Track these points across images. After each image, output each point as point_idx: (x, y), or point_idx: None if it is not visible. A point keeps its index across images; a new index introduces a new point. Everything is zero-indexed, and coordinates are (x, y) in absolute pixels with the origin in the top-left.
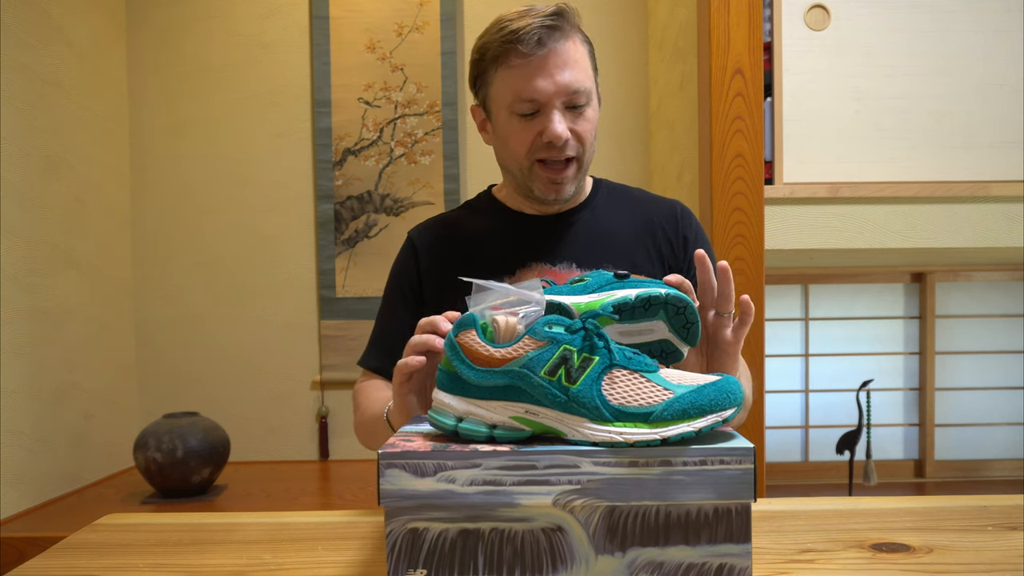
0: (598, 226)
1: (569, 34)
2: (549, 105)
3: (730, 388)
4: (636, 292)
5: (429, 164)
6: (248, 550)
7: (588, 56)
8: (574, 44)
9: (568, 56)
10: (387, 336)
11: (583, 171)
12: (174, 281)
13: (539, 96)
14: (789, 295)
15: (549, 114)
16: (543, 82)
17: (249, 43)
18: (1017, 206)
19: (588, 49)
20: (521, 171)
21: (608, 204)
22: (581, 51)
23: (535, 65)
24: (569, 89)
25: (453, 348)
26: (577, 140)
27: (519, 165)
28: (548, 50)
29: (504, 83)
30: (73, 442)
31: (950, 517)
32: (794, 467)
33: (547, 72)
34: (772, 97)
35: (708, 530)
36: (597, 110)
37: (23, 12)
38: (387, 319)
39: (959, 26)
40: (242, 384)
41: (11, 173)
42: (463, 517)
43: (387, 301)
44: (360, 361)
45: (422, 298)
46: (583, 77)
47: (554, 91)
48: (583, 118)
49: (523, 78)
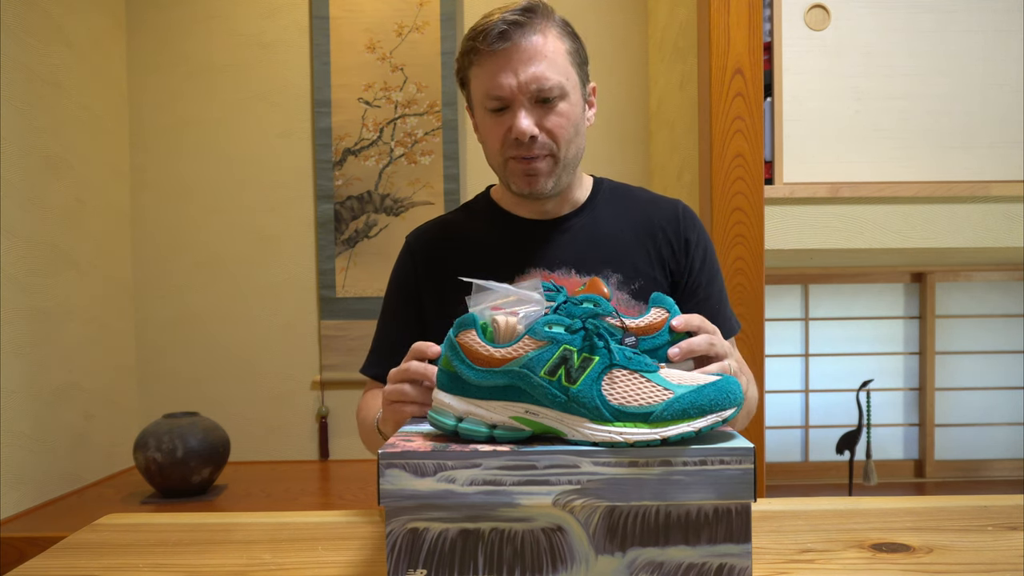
0: (597, 230)
1: (539, 28)
2: (514, 100)
3: (730, 388)
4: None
5: (429, 164)
6: (248, 550)
7: (567, 52)
8: (544, 38)
9: (535, 50)
10: (387, 343)
11: (564, 167)
12: (174, 281)
13: (502, 92)
14: (789, 295)
15: (515, 110)
16: (506, 78)
17: (249, 43)
18: (1017, 206)
19: (570, 45)
20: (498, 167)
21: (608, 206)
22: (555, 45)
23: (498, 60)
24: (533, 84)
25: (453, 348)
26: (549, 136)
27: (495, 161)
28: (511, 44)
29: (476, 81)
30: (73, 442)
31: (950, 517)
32: (794, 467)
33: (510, 67)
34: (772, 97)
35: (708, 530)
36: (580, 106)
37: (23, 12)
38: (387, 326)
39: (959, 26)
40: (242, 384)
41: (11, 173)
42: (463, 517)
43: (387, 307)
44: (362, 369)
45: (421, 304)
46: (551, 71)
47: (518, 86)
48: (555, 112)
49: (488, 74)
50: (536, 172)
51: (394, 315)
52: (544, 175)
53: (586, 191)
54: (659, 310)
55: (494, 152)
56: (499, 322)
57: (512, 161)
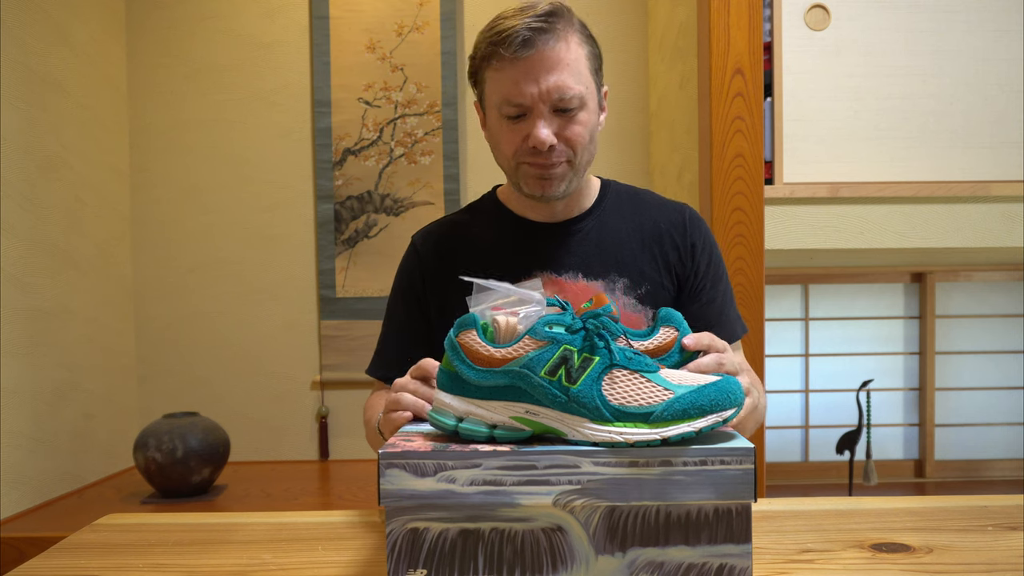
0: (604, 234)
1: (562, 35)
2: (535, 109)
3: (730, 388)
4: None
5: (429, 164)
6: (248, 550)
7: (586, 57)
8: (566, 45)
9: (557, 58)
10: (392, 344)
11: (577, 172)
12: (174, 281)
13: (523, 100)
14: (789, 295)
15: (534, 119)
16: (527, 86)
17: (249, 43)
18: (1017, 206)
19: (589, 50)
20: (510, 170)
21: (615, 210)
22: (576, 52)
23: (521, 68)
24: (555, 93)
25: (454, 348)
26: (566, 145)
27: (508, 164)
28: (535, 52)
29: (492, 84)
30: (73, 442)
31: (950, 517)
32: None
33: (532, 75)
34: (772, 97)
35: (708, 530)
36: (596, 113)
37: (23, 12)
38: (392, 326)
39: (959, 26)
40: (242, 384)
41: (11, 173)
42: (463, 517)
43: (392, 308)
44: (368, 370)
45: (427, 304)
46: (573, 80)
47: (539, 95)
48: (574, 122)
49: (508, 81)
50: (551, 177)
51: (399, 316)
52: (559, 179)
53: (594, 193)
54: (668, 329)
55: (507, 155)
56: (499, 322)
57: (525, 165)
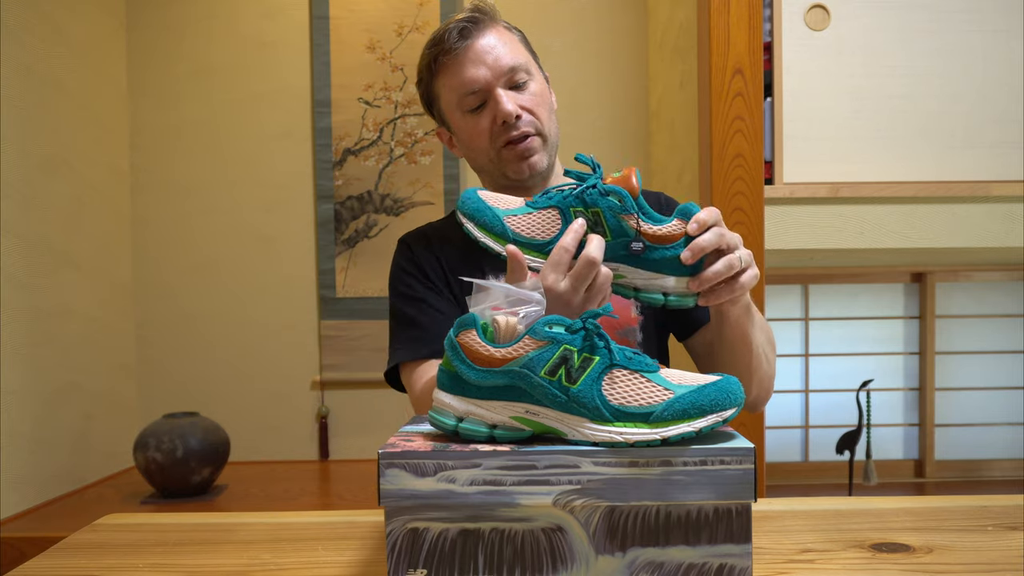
0: None
1: (491, 25)
2: (491, 90)
3: (730, 388)
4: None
5: (429, 164)
6: (248, 550)
7: (519, 40)
8: (498, 30)
9: (494, 41)
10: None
11: (548, 145)
12: (174, 281)
13: (477, 83)
14: (789, 295)
15: (494, 99)
16: (476, 70)
17: (249, 43)
18: (1017, 206)
19: (519, 36)
20: (491, 162)
21: None
22: (508, 36)
23: (464, 57)
24: (503, 68)
25: (453, 348)
26: (530, 114)
27: (487, 156)
28: (472, 40)
29: (445, 87)
30: (73, 442)
31: (950, 517)
32: (794, 467)
33: (478, 60)
34: (772, 97)
35: (708, 530)
36: (545, 85)
37: (23, 12)
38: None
39: (958, 26)
40: (242, 384)
41: (11, 173)
42: (463, 517)
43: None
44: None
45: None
46: (514, 55)
47: (490, 74)
48: (528, 92)
49: (458, 74)
50: (531, 150)
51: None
52: (538, 151)
53: None
54: (680, 222)
55: (483, 149)
56: (499, 322)
57: (505, 149)
